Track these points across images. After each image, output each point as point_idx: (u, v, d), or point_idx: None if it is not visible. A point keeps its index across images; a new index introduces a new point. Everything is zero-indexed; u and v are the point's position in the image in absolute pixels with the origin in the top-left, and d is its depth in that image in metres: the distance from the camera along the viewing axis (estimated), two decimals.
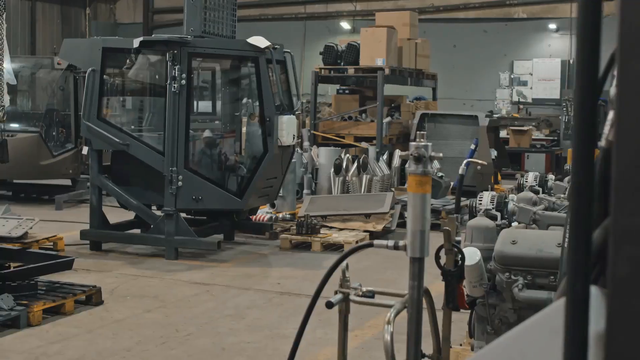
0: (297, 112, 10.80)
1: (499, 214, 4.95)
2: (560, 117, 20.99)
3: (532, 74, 21.96)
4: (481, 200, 5.04)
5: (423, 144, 2.74)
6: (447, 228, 3.23)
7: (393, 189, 13.99)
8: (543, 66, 21.76)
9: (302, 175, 13.88)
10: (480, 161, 5.41)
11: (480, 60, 22.23)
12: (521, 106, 22.09)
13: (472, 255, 4.24)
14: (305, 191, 14.04)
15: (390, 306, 3.00)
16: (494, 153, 15.17)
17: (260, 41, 9.65)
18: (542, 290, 4.33)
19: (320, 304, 3.33)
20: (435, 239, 10.98)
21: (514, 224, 5.03)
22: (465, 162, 4.95)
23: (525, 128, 18.89)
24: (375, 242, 2.84)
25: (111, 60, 9.96)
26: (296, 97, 10.50)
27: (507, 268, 4.32)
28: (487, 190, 5.39)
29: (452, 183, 13.58)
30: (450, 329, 3.78)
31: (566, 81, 21.52)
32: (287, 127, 9.83)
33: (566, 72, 21.52)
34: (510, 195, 5.17)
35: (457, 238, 3.65)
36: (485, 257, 4.39)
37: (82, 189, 14.48)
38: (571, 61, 21.55)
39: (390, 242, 2.82)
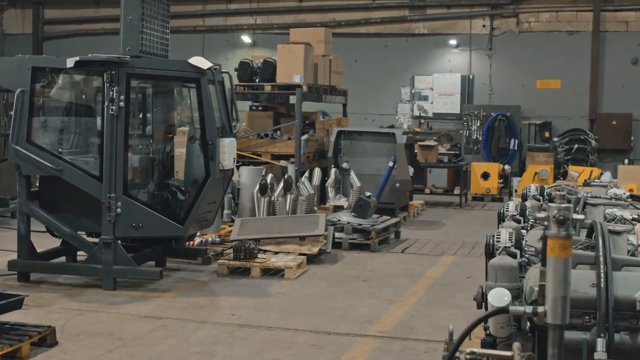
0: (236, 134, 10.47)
1: (518, 252, 4.85)
2: (460, 132, 21.35)
3: (432, 89, 22.21)
4: (499, 238, 4.92)
5: (565, 205, 2.56)
6: (543, 283, 3.07)
7: (315, 208, 13.82)
8: (443, 81, 22.05)
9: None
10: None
11: (381, 74, 22.34)
12: (422, 120, 22.32)
13: (501, 296, 4.11)
14: (226, 212, 13.68)
15: None
16: (411, 170, 15.22)
17: (201, 62, 9.30)
18: (575, 330, 4.23)
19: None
20: (366, 259, 10.47)
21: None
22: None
23: (432, 143, 19.05)
24: (511, 308, 2.65)
25: (42, 81, 9.41)
26: (235, 118, 10.18)
27: None
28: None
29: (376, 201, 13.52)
30: None
31: (466, 96, 21.88)
32: (228, 150, 9.50)
33: (466, 87, 21.87)
34: (526, 232, 5.09)
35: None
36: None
37: None
38: (471, 76, 21.94)
39: (528, 309, 2.63)
